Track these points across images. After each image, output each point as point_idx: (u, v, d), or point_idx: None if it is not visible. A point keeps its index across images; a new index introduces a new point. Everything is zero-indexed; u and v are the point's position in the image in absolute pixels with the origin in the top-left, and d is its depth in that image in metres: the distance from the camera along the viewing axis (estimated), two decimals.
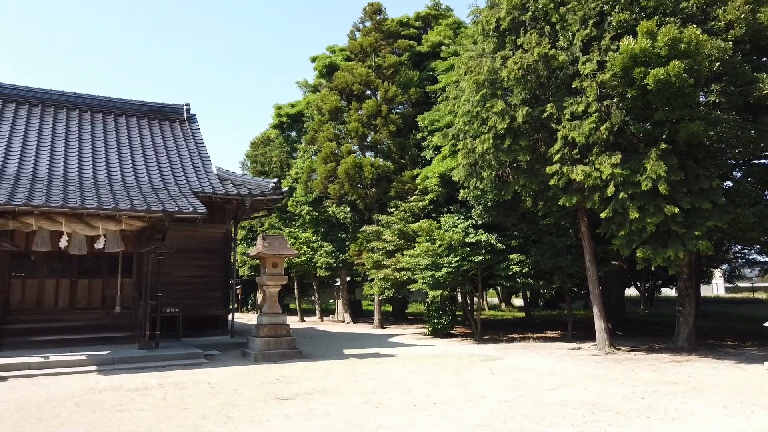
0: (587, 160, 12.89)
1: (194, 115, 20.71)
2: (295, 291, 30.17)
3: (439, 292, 17.48)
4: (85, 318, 14.89)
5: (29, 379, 10.54)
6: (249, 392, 9.16)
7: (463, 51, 16.82)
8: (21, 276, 14.74)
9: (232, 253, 17.56)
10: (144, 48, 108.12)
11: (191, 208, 13.70)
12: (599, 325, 14.91)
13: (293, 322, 16.29)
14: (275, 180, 17.56)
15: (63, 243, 12.53)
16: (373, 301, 27.27)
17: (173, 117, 20.22)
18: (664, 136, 12.16)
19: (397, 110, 24.88)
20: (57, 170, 15.04)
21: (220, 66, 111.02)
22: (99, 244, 12.97)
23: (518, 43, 14.09)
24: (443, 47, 23.92)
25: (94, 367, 11.56)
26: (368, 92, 24.24)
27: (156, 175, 16.42)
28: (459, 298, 22.71)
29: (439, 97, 20.09)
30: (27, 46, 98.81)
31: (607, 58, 12.30)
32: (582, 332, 18.13)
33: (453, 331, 19.98)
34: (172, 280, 15.76)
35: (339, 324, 25.88)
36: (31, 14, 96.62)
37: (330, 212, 26.38)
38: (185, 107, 20.54)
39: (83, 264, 15.24)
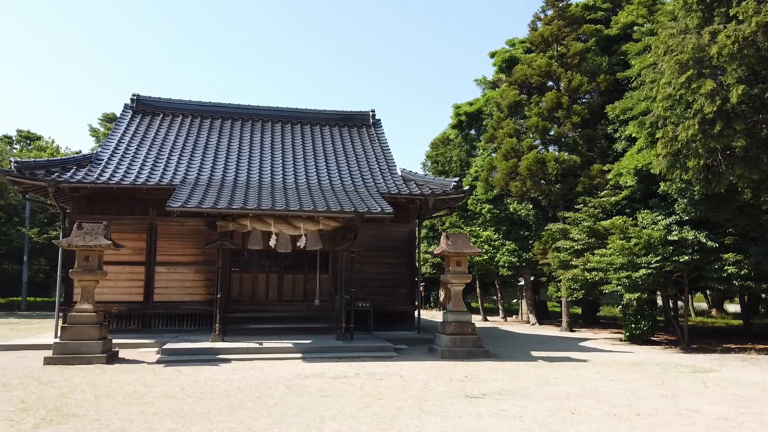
0: None
1: (379, 120, 21.78)
2: (477, 290, 30.11)
3: (637, 294, 16.04)
4: (290, 309, 16.50)
5: (248, 362, 11.95)
6: (439, 387, 9.32)
7: (660, 29, 15.24)
8: (238, 271, 16.84)
9: (417, 251, 18.07)
10: (326, 57, 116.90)
11: (379, 209, 14.40)
12: None
13: (476, 320, 16.26)
14: (456, 179, 17.68)
15: (272, 242, 14.02)
16: (559, 302, 26.07)
17: (360, 123, 21.51)
18: None
19: (583, 100, 23.44)
20: (265, 177, 16.88)
21: (400, 69, 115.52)
22: (300, 243, 14.24)
23: (730, 15, 12.35)
24: (636, 27, 21.92)
25: (299, 355, 12.74)
26: (550, 83, 23.21)
27: (347, 178, 17.58)
28: (659, 301, 20.66)
29: (632, 83, 18.45)
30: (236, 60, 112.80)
31: None
32: None
33: (653, 338, 18.23)
34: (362, 277, 16.71)
35: (523, 325, 25.21)
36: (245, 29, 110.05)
37: (511, 210, 25.82)
38: (371, 113, 21.71)
39: (287, 261, 16.91)
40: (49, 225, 35.74)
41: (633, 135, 17.88)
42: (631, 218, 16.90)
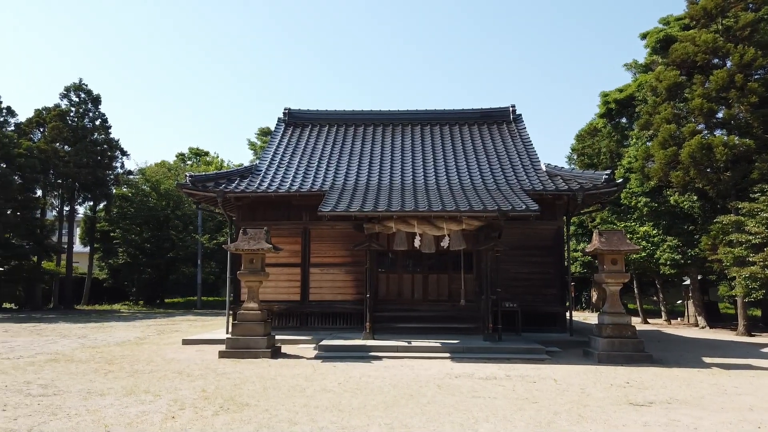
0: None
1: (520, 115, 21.20)
2: (635, 290, 27.97)
3: None
4: (435, 309, 16.60)
5: (397, 360, 12.24)
6: (598, 393, 8.79)
7: None
8: (384, 272, 17.34)
9: (566, 250, 17.24)
10: (470, 54, 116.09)
11: (524, 206, 13.97)
12: None
13: (635, 323, 14.96)
14: (607, 172, 16.58)
15: (417, 243, 14.23)
16: (733, 303, 23.31)
17: (501, 120, 21.09)
18: None
19: (755, 76, 20.75)
20: (408, 179, 17.22)
21: (541, 61, 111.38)
22: (444, 243, 14.28)
23: None
24: None
25: (447, 354, 12.76)
26: (716, 61, 20.87)
27: (489, 177, 17.31)
28: None
29: None
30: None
31: None
32: None
33: None
34: (508, 276, 16.33)
35: (690, 328, 22.94)
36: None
37: (672, 202, 23.61)
38: (511, 108, 21.20)
39: (430, 261, 17.05)
40: (217, 231, 39.79)
41: None
42: None
